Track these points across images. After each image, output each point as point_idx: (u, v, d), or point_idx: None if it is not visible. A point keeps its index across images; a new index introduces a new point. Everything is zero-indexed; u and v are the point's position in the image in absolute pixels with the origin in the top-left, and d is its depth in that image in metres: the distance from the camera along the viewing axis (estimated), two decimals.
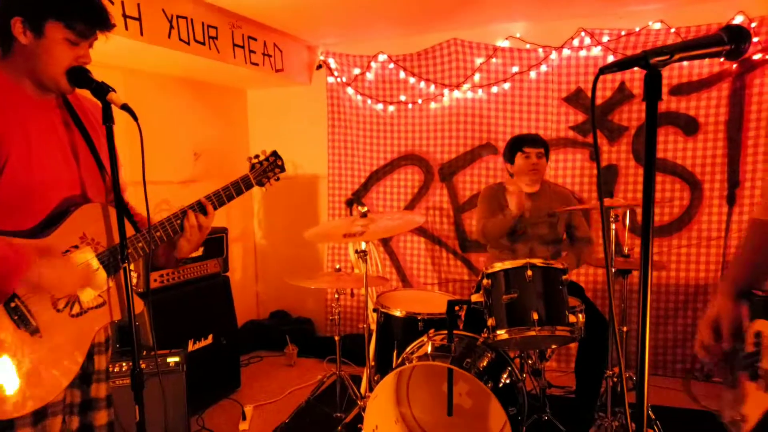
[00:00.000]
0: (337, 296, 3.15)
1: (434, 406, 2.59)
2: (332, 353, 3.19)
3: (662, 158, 3.65)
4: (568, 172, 3.87)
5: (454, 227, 4.22)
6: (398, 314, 2.81)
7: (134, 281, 1.47)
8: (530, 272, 2.30)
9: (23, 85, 1.41)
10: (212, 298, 3.55)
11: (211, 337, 3.45)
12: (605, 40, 3.65)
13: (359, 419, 2.66)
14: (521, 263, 2.34)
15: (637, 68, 0.90)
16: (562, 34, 3.73)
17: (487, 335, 2.36)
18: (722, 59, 0.93)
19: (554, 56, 3.79)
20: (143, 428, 1.48)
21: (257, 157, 1.81)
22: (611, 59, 3.64)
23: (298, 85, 4.49)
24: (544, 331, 2.25)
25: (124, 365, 2.57)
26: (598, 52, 3.70)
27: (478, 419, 2.55)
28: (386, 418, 2.59)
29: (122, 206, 1.42)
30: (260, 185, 1.79)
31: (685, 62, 3.50)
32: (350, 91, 4.30)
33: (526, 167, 3.00)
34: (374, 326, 2.97)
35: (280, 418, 3.20)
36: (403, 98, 4.19)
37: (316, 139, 4.52)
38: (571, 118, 3.83)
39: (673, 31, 3.49)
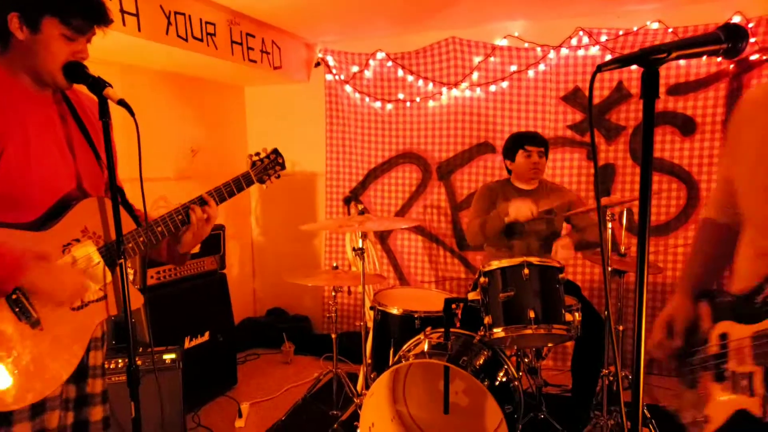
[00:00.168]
0: (334, 294, 3.15)
1: (431, 404, 2.59)
2: (329, 351, 3.19)
3: (659, 158, 3.65)
4: (565, 171, 3.87)
5: (451, 225, 4.22)
6: (395, 312, 2.81)
7: (131, 278, 1.47)
8: (527, 270, 2.30)
9: (21, 80, 1.41)
10: (209, 295, 3.54)
11: (207, 334, 3.44)
12: (603, 39, 3.66)
13: (356, 417, 2.66)
14: (518, 261, 2.34)
15: (634, 68, 0.90)
16: (560, 33, 3.73)
17: (483, 333, 2.36)
18: (719, 58, 0.94)
19: (552, 55, 3.79)
20: (139, 425, 1.48)
21: (258, 154, 1.82)
22: (609, 59, 3.64)
23: (296, 82, 4.48)
24: (540, 329, 2.26)
25: (120, 362, 2.57)
26: (596, 51, 3.70)
27: (474, 417, 2.55)
28: (382, 415, 2.59)
29: (117, 201, 1.42)
30: (261, 182, 1.81)
31: (682, 62, 3.53)
32: (348, 88, 4.30)
33: (526, 166, 3.00)
34: (371, 324, 2.98)
35: (276, 415, 3.20)
36: (401, 96, 4.18)
37: (313, 136, 4.51)
38: (569, 117, 3.84)
39: (670, 31, 3.49)
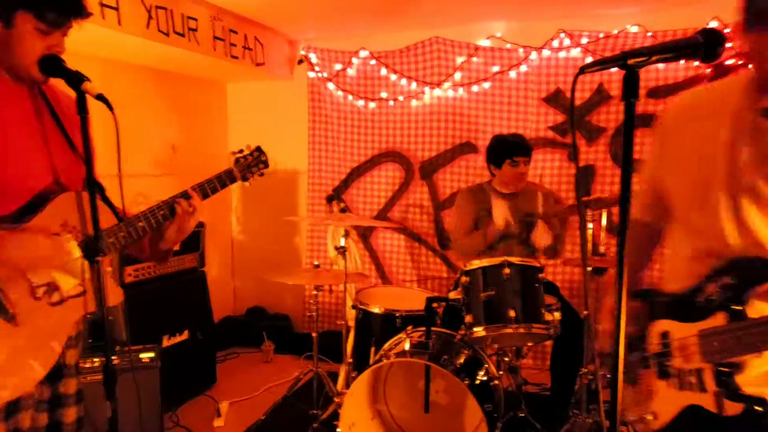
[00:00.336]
0: (315, 292, 3.14)
1: (411, 403, 2.59)
2: (309, 350, 3.18)
3: (639, 159, 3.69)
4: (546, 171, 3.91)
5: (433, 225, 4.23)
6: (377, 311, 2.81)
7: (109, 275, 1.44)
8: (507, 270, 2.32)
9: None
10: (188, 293, 3.51)
11: (186, 332, 3.41)
12: (584, 41, 3.70)
13: (336, 416, 2.65)
14: (499, 261, 2.36)
15: (614, 70, 0.92)
16: (542, 34, 3.76)
17: (464, 332, 2.37)
18: (697, 62, 0.95)
19: (534, 56, 3.82)
20: (115, 425, 1.45)
21: (241, 151, 1.81)
22: (590, 61, 3.69)
23: (278, 79, 4.45)
24: (520, 328, 2.28)
25: (96, 360, 2.52)
26: (577, 53, 3.74)
27: (454, 416, 2.56)
28: (363, 415, 2.59)
29: (95, 195, 1.40)
30: (244, 180, 1.80)
31: (661, 65, 3.59)
32: (331, 86, 4.28)
33: (512, 175, 2.99)
34: (352, 323, 2.97)
35: (256, 414, 3.18)
36: (384, 95, 4.18)
37: (296, 133, 4.49)
38: (550, 118, 3.87)
39: (649, 34, 3.54)
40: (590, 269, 2.73)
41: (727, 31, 3.38)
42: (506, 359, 2.80)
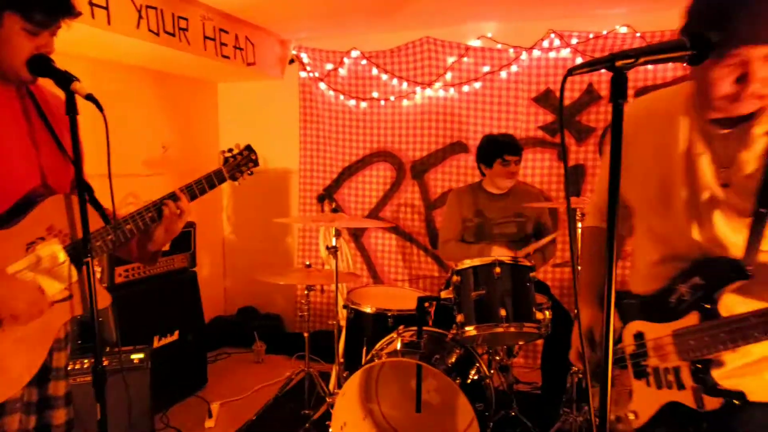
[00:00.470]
0: (306, 292, 3.14)
1: (403, 402, 2.60)
2: (301, 350, 3.18)
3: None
4: (536, 171, 3.93)
5: (425, 224, 4.24)
6: (368, 310, 2.81)
7: (98, 276, 1.43)
8: (498, 269, 2.33)
9: None
10: (179, 293, 3.49)
11: (177, 333, 3.39)
12: (574, 42, 3.72)
13: (327, 416, 2.65)
14: (490, 260, 2.36)
15: (604, 70, 0.92)
16: (532, 35, 3.78)
17: (455, 331, 2.38)
18: (685, 64, 0.96)
19: (524, 57, 3.83)
20: (105, 427, 1.45)
21: (231, 150, 1.80)
22: (579, 61, 3.71)
23: (270, 79, 4.44)
24: (511, 327, 2.28)
25: (86, 362, 2.51)
26: (567, 53, 3.76)
27: (446, 415, 2.57)
28: (354, 414, 2.59)
29: (84, 198, 1.39)
30: (233, 179, 1.78)
31: (650, 66, 3.61)
32: (323, 86, 4.28)
33: (504, 174, 3.02)
34: (344, 323, 2.97)
35: (247, 415, 3.17)
36: (375, 95, 4.18)
37: (287, 133, 4.48)
38: (540, 118, 3.89)
39: (638, 35, 3.57)
40: (580, 269, 2.74)
41: None
42: (497, 358, 2.82)
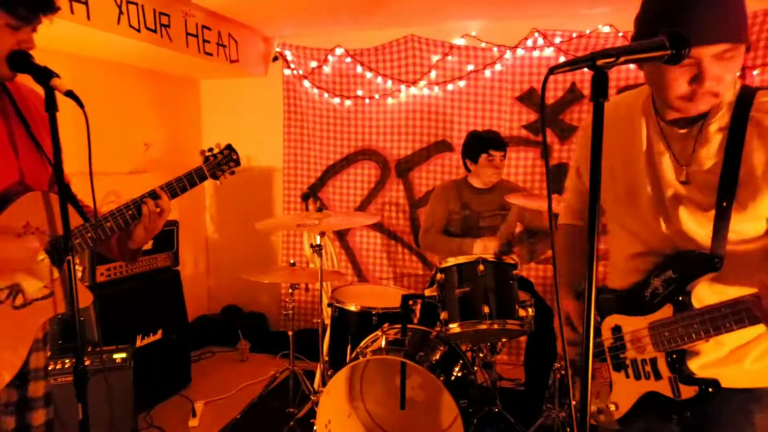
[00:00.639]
0: (291, 291, 3.13)
1: (387, 399, 2.61)
2: (285, 348, 3.17)
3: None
4: (520, 170, 3.96)
5: (409, 222, 4.25)
6: (353, 309, 2.81)
7: (79, 275, 1.41)
8: (482, 267, 2.34)
9: None
10: (162, 292, 3.46)
11: (160, 332, 3.37)
12: (557, 41, 3.75)
13: (312, 414, 2.65)
14: (473, 258, 2.38)
15: (587, 69, 0.93)
16: (516, 33, 3.80)
17: (440, 329, 2.39)
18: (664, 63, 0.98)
19: (508, 55, 3.86)
20: (86, 427, 1.43)
21: (211, 150, 1.79)
22: (563, 60, 3.74)
23: (253, 76, 4.41)
24: (495, 324, 2.30)
25: (67, 362, 2.48)
26: (550, 52, 3.79)
27: (430, 412, 2.58)
28: (339, 412, 2.59)
29: (65, 195, 1.37)
30: (214, 178, 1.77)
31: (631, 65, 3.65)
32: (307, 84, 4.26)
33: (489, 169, 3.05)
34: (328, 321, 2.97)
35: (231, 414, 3.16)
36: (360, 93, 4.18)
37: (271, 131, 4.46)
38: (523, 116, 3.92)
39: (621, 35, 3.61)
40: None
41: None
42: (481, 355, 2.83)
